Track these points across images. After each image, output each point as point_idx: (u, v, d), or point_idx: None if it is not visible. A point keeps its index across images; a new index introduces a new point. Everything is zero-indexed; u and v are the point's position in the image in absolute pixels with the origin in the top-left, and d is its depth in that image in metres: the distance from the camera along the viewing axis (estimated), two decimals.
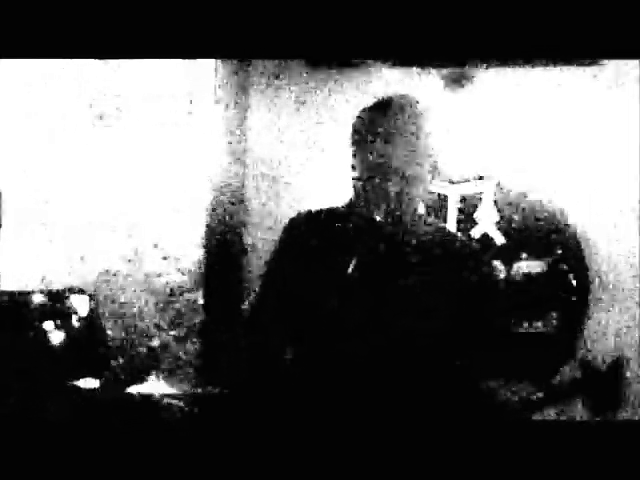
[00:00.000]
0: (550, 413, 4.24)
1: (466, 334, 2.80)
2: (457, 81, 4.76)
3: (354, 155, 2.73)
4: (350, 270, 2.59)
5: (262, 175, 4.90)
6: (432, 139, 2.72)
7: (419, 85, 4.55)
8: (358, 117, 2.77)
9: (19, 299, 4.38)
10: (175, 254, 4.69)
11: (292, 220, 2.94)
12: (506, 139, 4.74)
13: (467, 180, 4.82)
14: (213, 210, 4.74)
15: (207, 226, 4.72)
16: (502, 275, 4.65)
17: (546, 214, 4.68)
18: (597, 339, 4.58)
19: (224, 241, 4.84)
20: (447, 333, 2.76)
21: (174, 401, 3.96)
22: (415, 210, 2.75)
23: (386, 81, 4.60)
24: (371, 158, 2.67)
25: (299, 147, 4.78)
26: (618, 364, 4.28)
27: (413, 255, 2.74)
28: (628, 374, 4.38)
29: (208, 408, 3.94)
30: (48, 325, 4.35)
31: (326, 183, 4.44)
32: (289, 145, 4.82)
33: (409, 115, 2.71)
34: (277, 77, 4.88)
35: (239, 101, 4.94)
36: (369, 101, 2.87)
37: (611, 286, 4.63)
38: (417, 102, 2.78)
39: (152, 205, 4.74)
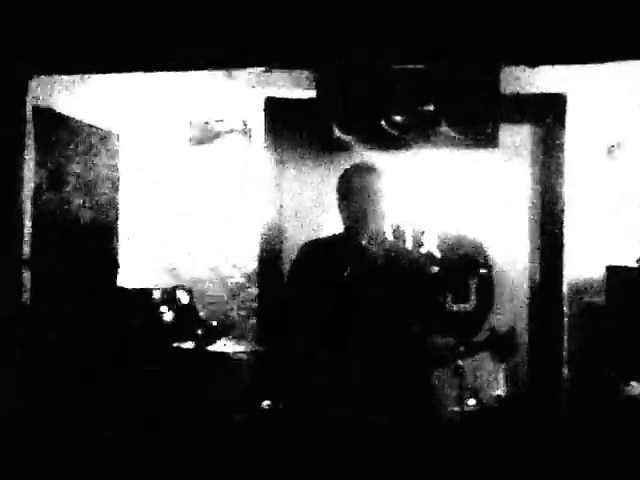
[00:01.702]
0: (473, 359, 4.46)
1: (421, 309, 3.13)
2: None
3: (339, 205, 3.10)
4: (346, 274, 2.93)
5: (293, 218, 5.39)
6: (384, 191, 3.07)
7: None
8: (340, 181, 3.12)
9: (147, 293, 4.89)
10: (239, 265, 5.41)
11: (304, 244, 3.24)
12: (437, 197, 5.22)
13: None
14: (263, 239, 5.36)
15: (260, 248, 5.36)
16: (440, 275, 4.56)
17: (467, 239, 5.28)
18: (501, 316, 5.15)
19: (269, 258, 5.36)
20: (410, 309, 3.05)
21: (238, 355, 4.63)
22: (384, 238, 3.06)
23: (361, 157, 4.59)
24: (349, 207, 3.05)
25: (315, 200, 5.25)
26: (511, 331, 4.69)
27: (385, 262, 3.02)
28: (518, 337, 4.79)
29: (260, 359, 4.74)
30: (163, 308, 4.91)
31: (328, 222, 4.26)
32: (309, 200, 5.33)
33: (366, 180, 3.04)
34: (301, 157, 5.38)
35: (279, 167, 5.42)
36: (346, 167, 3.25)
37: (505, 282, 5.27)
38: (369, 171, 3.10)
39: (228, 234, 5.38)
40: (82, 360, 4.13)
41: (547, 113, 5.16)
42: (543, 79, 4.84)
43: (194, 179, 5.45)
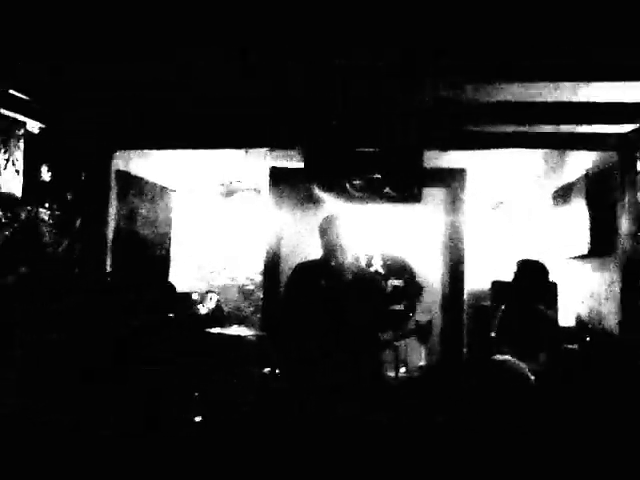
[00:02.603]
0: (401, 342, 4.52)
1: (370, 311, 2.97)
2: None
3: (320, 240, 2.99)
4: (322, 283, 2.89)
5: (288, 244, 5.38)
6: (346, 232, 2.93)
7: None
8: (319, 225, 3.01)
9: (188, 294, 4.85)
10: (250, 276, 5.44)
11: (297, 265, 3.12)
12: (381, 234, 5.34)
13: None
14: (267, 258, 5.39)
15: (264, 266, 5.39)
16: (384, 285, 4.87)
17: (401, 260, 5.39)
18: (423, 313, 5.21)
19: (270, 271, 5.38)
20: (365, 311, 2.93)
21: (248, 337, 4.46)
22: (348, 261, 2.93)
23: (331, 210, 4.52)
24: (325, 242, 2.95)
25: (303, 234, 5.11)
26: (429, 323, 4.68)
27: (348, 277, 2.93)
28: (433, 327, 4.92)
29: (264, 341, 4.48)
30: (200, 306, 4.89)
31: (312, 250, 4.00)
32: (300, 233, 5.25)
33: (336, 224, 2.94)
34: (294, 206, 5.42)
35: (279, 213, 5.42)
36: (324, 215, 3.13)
37: (426, 289, 5.37)
38: (337, 217, 2.99)
39: (243, 256, 5.45)
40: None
41: (453, 180, 5.25)
42: (451, 159, 4.88)
43: (222, 220, 5.48)
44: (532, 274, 3.48)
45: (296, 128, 3.60)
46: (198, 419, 3.49)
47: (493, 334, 3.66)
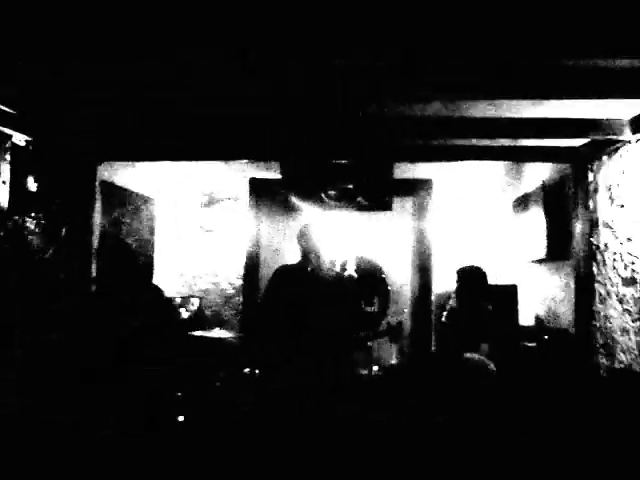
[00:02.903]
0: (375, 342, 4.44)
1: (345, 313, 3.04)
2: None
3: (298, 246, 3.05)
4: (303, 286, 2.93)
5: (267, 250, 5.37)
6: (321, 239, 2.99)
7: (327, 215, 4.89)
8: (297, 233, 3.06)
9: (171, 299, 4.79)
10: (231, 281, 5.37)
11: (277, 269, 3.12)
12: (355, 239, 5.26)
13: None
14: (246, 264, 5.33)
15: (244, 271, 5.32)
16: (358, 289, 4.97)
17: (373, 265, 5.40)
18: (393, 314, 5.21)
19: (250, 276, 5.32)
20: (339, 313, 2.97)
21: (229, 339, 4.39)
22: (324, 265, 3.01)
23: (308, 218, 4.56)
24: (302, 248, 3.00)
25: (281, 240, 5.25)
26: (400, 324, 4.30)
27: (325, 279, 3.01)
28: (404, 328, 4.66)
29: (242, 342, 4.41)
30: (182, 310, 4.87)
31: (291, 256, 4.03)
32: (278, 240, 5.31)
33: (313, 232, 3.00)
34: (272, 215, 5.41)
35: (258, 221, 5.39)
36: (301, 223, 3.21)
37: (397, 292, 5.39)
38: (314, 225, 3.04)
39: (224, 262, 5.37)
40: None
41: (421, 190, 5.28)
42: (419, 170, 4.91)
43: (203, 228, 5.42)
44: (474, 277, 3.74)
45: (274, 142, 3.58)
46: (181, 419, 3.42)
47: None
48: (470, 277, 3.77)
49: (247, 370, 4.12)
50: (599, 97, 2.61)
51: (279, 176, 4.34)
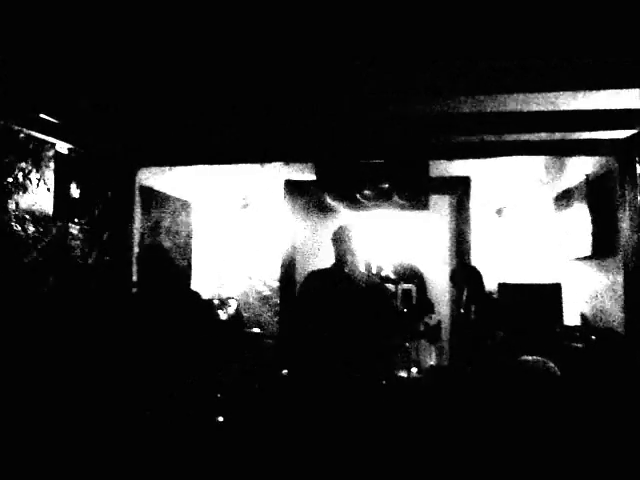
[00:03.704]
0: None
1: (379, 315, 2.96)
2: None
3: (333, 248, 3.02)
4: (337, 289, 2.90)
5: (302, 252, 5.48)
6: (358, 241, 2.94)
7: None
8: (332, 235, 3.03)
9: (210, 301, 4.82)
10: (267, 282, 5.39)
11: (308, 273, 3.10)
12: (391, 240, 5.42)
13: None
14: (282, 265, 5.37)
15: (280, 273, 5.36)
16: (394, 290, 5.18)
17: (410, 265, 5.41)
18: (431, 315, 5.18)
19: (286, 277, 5.39)
20: (375, 312, 2.92)
21: (267, 341, 4.67)
22: (360, 267, 2.97)
23: (343, 219, 4.75)
24: (337, 250, 2.98)
25: (317, 241, 5.38)
26: (438, 324, 4.83)
27: (359, 283, 2.94)
28: (442, 329, 4.99)
29: (279, 342, 4.60)
30: (220, 312, 4.86)
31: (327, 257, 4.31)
32: (314, 241, 5.46)
33: (348, 234, 2.96)
34: (307, 216, 5.54)
35: (293, 222, 5.39)
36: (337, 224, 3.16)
37: (435, 293, 5.35)
38: (349, 227, 3.00)
39: (261, 264, 5.41)
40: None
41: (458, 188, 5.19)
42: (455, 167, 4.84)
43: (241, 230, 5.46)
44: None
45: (308, 143, 3.57)
46: (220, 419, 3.46)
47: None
48: (464, 274, 4.00)
49: (285, 372, 4.13)
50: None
51: (314, 177, 4.31)
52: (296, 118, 3.18)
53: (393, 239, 5.35)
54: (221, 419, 3.47)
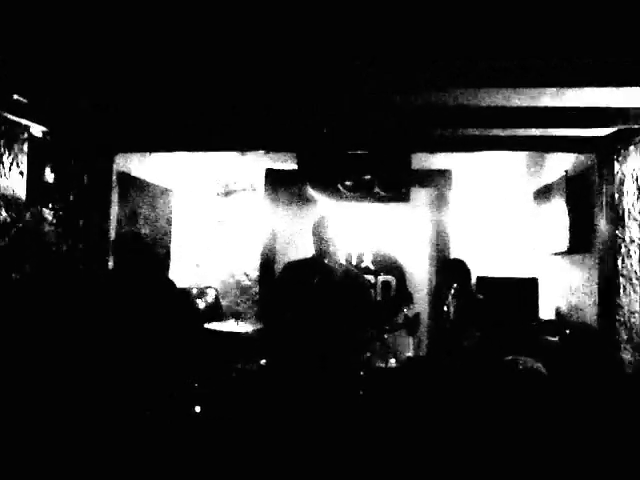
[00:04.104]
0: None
1: (360, 303, 2.98)
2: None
3: (312, 238, 2.98)
4: (315, 281, 2.86)
5: (283, 241, 5.32)
6: (337, 232, 2.91)
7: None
8: (312, 226, 3.00)
9: (188, 290, 4.80)
10: (247, 272, 5.38)
11: (285, 265, 3.12)
12: (372, 232, 5.26)
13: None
14: (262, 255, 5.33)
15: (260, 262, 5.33)
16: (374, 281, 5.22)
17: (390, 257, 5.29)
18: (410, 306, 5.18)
19: (266, 267, 5.31)
20: (353, 306, 2.91)
21: (244, 332, 4.28)
22: (339, 258, 2.98)
23: (324, 209, 4.64)
24: (317, 242, 2.93)
25: (297, 231, 5.10)
26: (417, 316, 4.29)
27: (338, 275, 2.94)
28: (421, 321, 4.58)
29: (259, 336, 4.24)
30: (199, 301, 4.85)
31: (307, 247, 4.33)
32: (294, 231, 5.19)
33: (328, 225, 2.92)
34: (288, 205, 5.35)
35: (274, 212, 5.36)
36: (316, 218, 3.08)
37: (414, 285, 5.26)
38: (329, 218, 2.96)
39: (241, 253, 5.38)
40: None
41: (440, 181, 5.20)
42: (437, 161, 4.84)
43: (219, 218, 5.41)
44: (457, 269, 3.96)
45: (290, 132, 3.53)
46: (197, 410, 3.41)
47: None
48: (454, 269, 3.98)
49: (263, 362, 4.06)
50: (623, 85, 2.51)
51: (295, 166, 4.27)
52: (278, 107, 3.14)
53: (374, 230, 5.26)
54: (198, 409, 3.42)
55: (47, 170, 3.28)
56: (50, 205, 3.30)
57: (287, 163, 4.83)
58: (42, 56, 2.47)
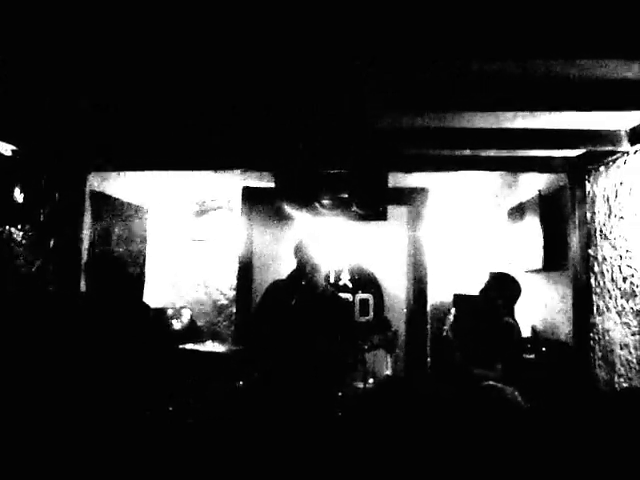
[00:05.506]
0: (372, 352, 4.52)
1: (339, 324, 3.03)
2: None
3: (295, 259, 3.08)
4: (293, 302, 2.93)
5: (260, 260, 5.28)
6: (317, 252, 3.01)
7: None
8: (294, 247, 3.10)
9: (163, 310, 4.74)
10: (224, 291, 5.27)
11: (268, 286, 3.17)
12: (349, 249, 5.29)
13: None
14: (239, 274, 5.24)
15: (237, 281, 5.23)
16: (352, 299, 5.22)
17: (368, 274, 5.29)
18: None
19: (243, 286, 5.23)
20: (334, 322, 2.98)
21: (221, 352, 4.33)
22: (320, 277, 3.05)
23: (302, 227, 4.84)
24: (298, 260, 3.03)
25: (275, 250, 5.17)
26: (395, 333, 4.68)
27: (317, 294, 3.03)
28: (399, 338, 4.92)
29: (237, 358, 4.24)
30: (174, 321, 4.78)
31: (285, 265, 4.29)
32: (272, 249, 5.23)
33: (309, 247, 3.04)
34: (265, 224, 5.32)
35: (251, 230, 5.31)
36: (297, 236, 3.26)
37: (392, 302, 5.27)
38: (310, 239, 3.07)
39: (217, 272, 5.28)
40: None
41: (416, 199, 5.23)
42: (414, 179, 4.87)
43: (195, 237, 5.33)
44: (504, 286, 3.33)
45: (267, 151, 3.52)
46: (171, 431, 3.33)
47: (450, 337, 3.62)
48: (504, 284, 3.32)
49: (241, 383, 3.99)
50: (594, 109, 2.58)
51: (272, 185, 4.25)
52: (254, 126, 3.13)
53: (352, 248, 5.25)
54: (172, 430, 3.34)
55: (16, 190, 3.20)
56: (19, 225, 3.22)
57: (264, 181, 4.80)
58: (8, 72, 2.38)
